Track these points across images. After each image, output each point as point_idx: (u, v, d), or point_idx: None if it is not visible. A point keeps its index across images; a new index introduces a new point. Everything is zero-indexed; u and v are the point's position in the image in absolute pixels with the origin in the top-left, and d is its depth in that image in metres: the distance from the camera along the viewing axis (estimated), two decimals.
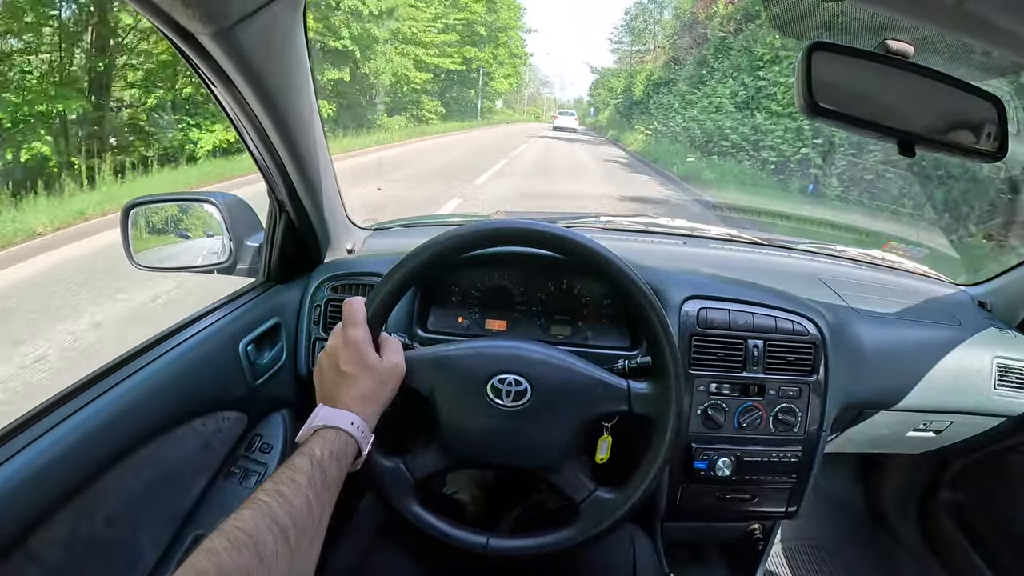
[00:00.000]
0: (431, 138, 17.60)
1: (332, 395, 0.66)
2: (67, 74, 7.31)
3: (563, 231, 0.73)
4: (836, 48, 0.63)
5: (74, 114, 7.01)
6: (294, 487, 0.55)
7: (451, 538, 0.74)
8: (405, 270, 0.72)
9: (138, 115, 8.31)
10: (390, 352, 0.71)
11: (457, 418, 0.73)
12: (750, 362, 0.92)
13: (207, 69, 0.63)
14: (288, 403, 0.99)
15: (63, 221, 5.06)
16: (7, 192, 5.33)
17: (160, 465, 0.74)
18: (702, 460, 0.92)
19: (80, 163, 6.51)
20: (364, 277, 0.99)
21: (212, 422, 0.84)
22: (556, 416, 0.73)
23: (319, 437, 0.62)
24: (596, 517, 0.73)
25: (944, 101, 0.67)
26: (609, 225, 1.30)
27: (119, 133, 7.97)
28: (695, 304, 0.94)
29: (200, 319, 0.87)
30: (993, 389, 1.06)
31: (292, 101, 0.74)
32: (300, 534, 0.53)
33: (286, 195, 0.90)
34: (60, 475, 0.60)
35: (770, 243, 1.34)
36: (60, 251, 4.70)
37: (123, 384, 0.69)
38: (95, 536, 0.65)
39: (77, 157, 6.67)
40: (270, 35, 0.63)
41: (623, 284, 0.73)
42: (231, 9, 0.56)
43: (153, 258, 1.05)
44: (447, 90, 24.73)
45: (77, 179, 6.07)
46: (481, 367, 0.73)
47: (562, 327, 0.99)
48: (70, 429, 0.62)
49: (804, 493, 0.98)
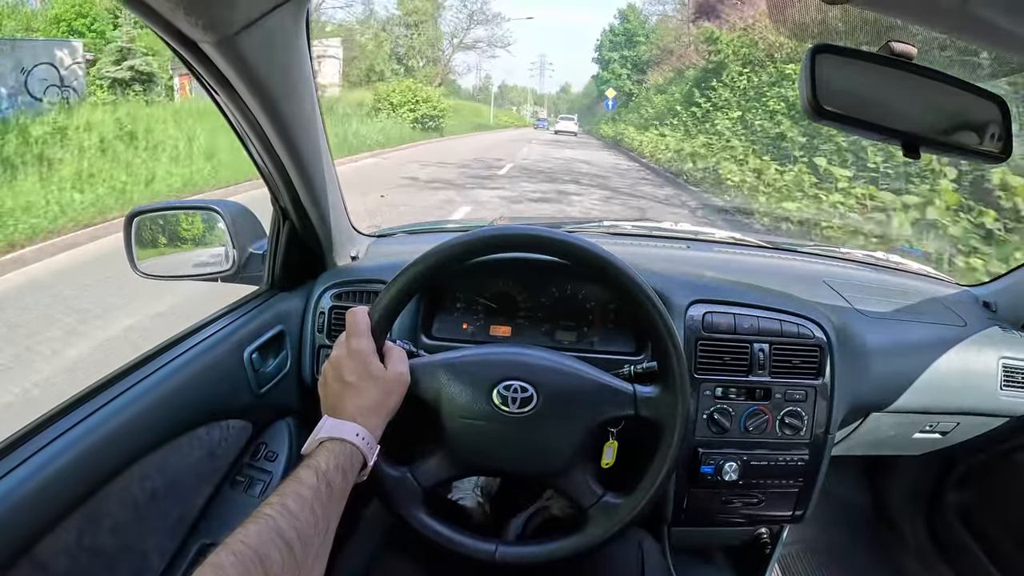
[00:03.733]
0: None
1: (337, 406, 0.66)
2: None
3: (566, 236, 0.73)
4: (840, 51, 0.63)
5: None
6: (300, 501, 0.55)
7: (459, 546, 0.73)
8: (407, 278, 0.72)
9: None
10: (395, 362, 0.71)
11: (463, 426, 0.72)
12: (756, 366, 0.92)
13: (209, 76, 0.64)
14: (293, 411, 0.98)
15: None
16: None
17: (165, 474, 0.74)
18: (708, 464, 0.92)
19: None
20: (367, 284, 0.99)
21: (217, 430, 0.84)
22: (562, 422, 0.72)
23: (324, 449, 0.62)
24: (605, 522, 0.73)
25: (948, 102, 0.67)
26: (613, 230, 1.30)
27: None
28: (700, 308, 0.94)
29: (204, 327, 0.87)
30: (999, 389, 1.06)
31: (295, 108, 0.74)
32: (306, 548, 0.52)
33: (289, 202, 0.90)
34: (67, 484, 0.60)
35: (774, 246, 1.34)
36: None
37: (129, 392, 0.69)
38: (101, 545, 0.65)
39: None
40: (272, 43, 0.64)
41: (627, 288, 0.72)
42: (233, 17, 0.56)
43: (157, 266, 1.05)
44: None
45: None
46: (486, 374, 0.73)
47: (567, 333, 0.99)
48: (76, 438, 0.62)
49: (811, 496, 0.97)
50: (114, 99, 10.76)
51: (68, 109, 8.91)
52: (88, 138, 7.61)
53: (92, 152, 7.35)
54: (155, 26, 0.54)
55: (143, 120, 8.94)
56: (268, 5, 0.57)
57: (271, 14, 0.58)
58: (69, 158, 7.00)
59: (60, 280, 4.32)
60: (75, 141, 7.44)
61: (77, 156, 7.09)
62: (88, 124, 7.98)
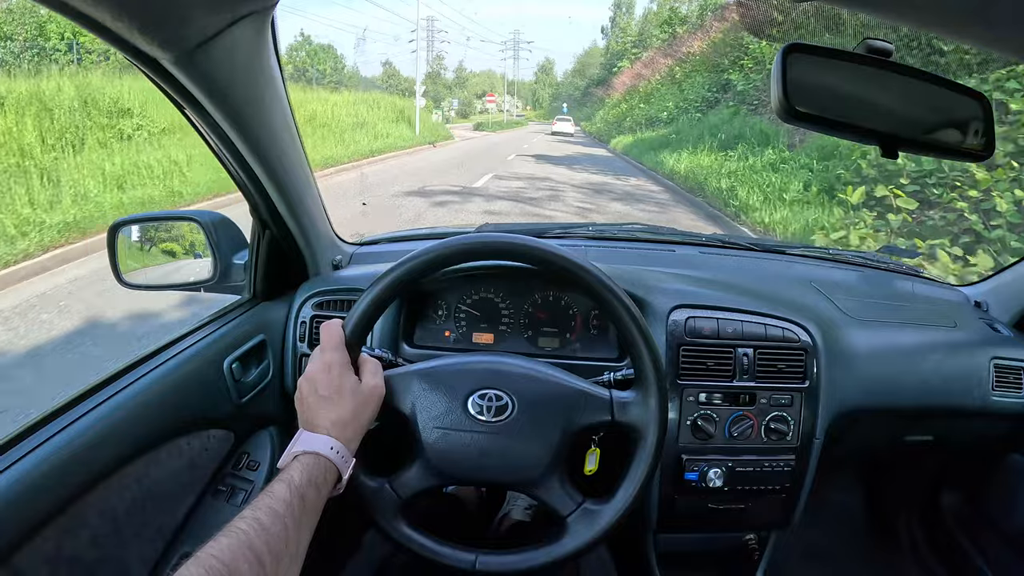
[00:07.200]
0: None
1: (311, 420, 0.66)
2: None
3: (536, 243, 0.73)
4: (813, 49, 0.62)
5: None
6: (272, 515, 0.55)
7: (439, 556, 0.73)
8: (379, 289, 0.72)
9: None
10: (369, 374, 0.71)
11: (439, 436, 0.72)
12: (740, 371, 0.91)
13: (174, 91, 0.64)
14: (276, 420, 0.98)
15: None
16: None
17: (146, 484, 0.73)
18: (693, 471, 0.91)
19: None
20: (348, 293, 0.99)
21: (198, 440, 0.83)
22: (539, 430, 0.72)
23: (298, 463, 0.62)
24: (585, 530, 0.72)
25: (927, 100, 0.66)
26: (599, 234, 1.29)
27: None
28: (683, 313, 0.93)
29: (184, 338, 0.87)
30: (991, 390, 1.04)
31: (264, 120, 0.74)
32: (276, 561, 0.53)
33: (267, 213, 0.89)
34: (45, 494, 0.60)
35: (762, 247, 1.33)
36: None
37: (109, 402, 0.69)
38: (81, 555, 0.64)
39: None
40: (234, 56, 0.63)
41: (599, 293, 0.72)
42: (190, 34, 0.56)
43: (141, 277, 1.05)
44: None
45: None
46: (461, 384, 0.72)
47: (550, 339, 0.98)
48: (55, 448, 0.62)
49: (799, 502, 0.96)
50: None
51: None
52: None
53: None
54: (114, 45, 0.54)
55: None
56: (225, 21, 0.57)
57: (230, 28, 0.58)
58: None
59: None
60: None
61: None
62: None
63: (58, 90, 8.39)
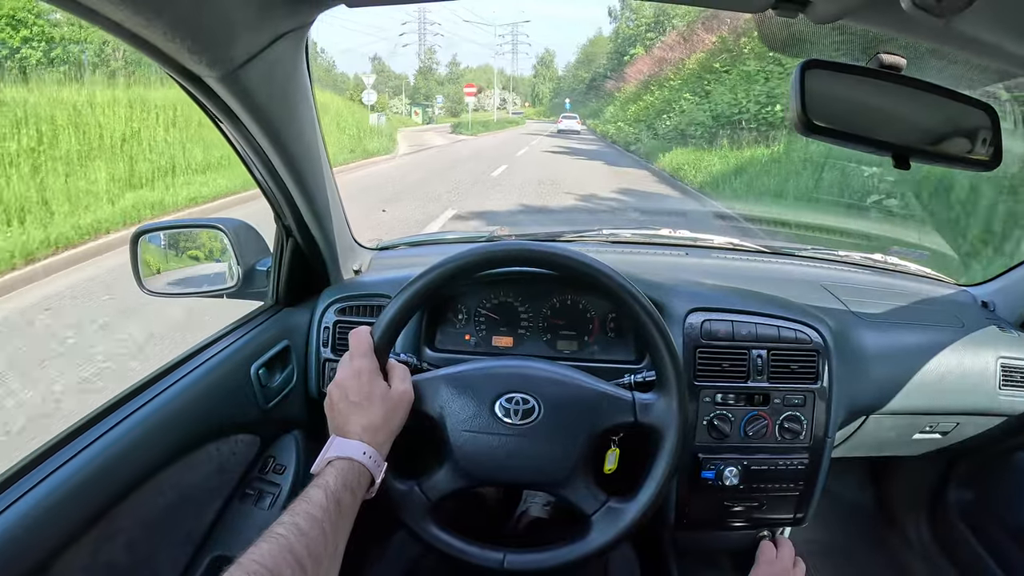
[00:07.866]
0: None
1: (343, 426, 0.68)
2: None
3: (558, 249, 0.75)
4: (829, 65, 0.64)
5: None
6: (310, 520, 0.57)
7: (468, 555, 0.75)
8: (407, 297, 0.74)
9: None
10: (398, 379, 0.73)
11: (467, 439, 0.74)
12: (754, 372, 0.93)
13: (215, 107, 0.65)
14: (300, 424, 1.00)
15: None
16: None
17: (177, 489, 0.75)
18: (709, 470, 0.93)
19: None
20: (370, 299, 1.01)
21: (226, 445, 0.85)
22: (564, 432, 0.74)
23: (333, 468, 0.64)
24: (609, 527, 0.74)
25: (937, 112, 0.68)
26: (612, 238, 1.31)
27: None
28: (699, 316, 0.95)
29: (211, 345, 0.88)
30: (998, 389, 1.07)
31: (297, 134, 0.76)
32: (317, 566, 0.55)
33: (293, 221, 0.91)
34: (82, 502, 0.61)
35: (772, 251, 1.35)
36: None
37: (140, 411, 0.71)
38: (116, 561, 0.66)
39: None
40: (274, 74, 0.65)
41: (622, 298, 0.74)
42: (235, 53, 0.57)
43: (162, 283, 1.07)
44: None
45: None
46: (488, 388, 0.74)
47: (568, 342, 1.00)
48: (91, 457, 0.63)
49: (812, 499, 0.98)
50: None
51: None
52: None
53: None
54: (160, 63, 0.56)
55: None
56: (268, 38, 0.59)
57: (271, 47, 0.60)
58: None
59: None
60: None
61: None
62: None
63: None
